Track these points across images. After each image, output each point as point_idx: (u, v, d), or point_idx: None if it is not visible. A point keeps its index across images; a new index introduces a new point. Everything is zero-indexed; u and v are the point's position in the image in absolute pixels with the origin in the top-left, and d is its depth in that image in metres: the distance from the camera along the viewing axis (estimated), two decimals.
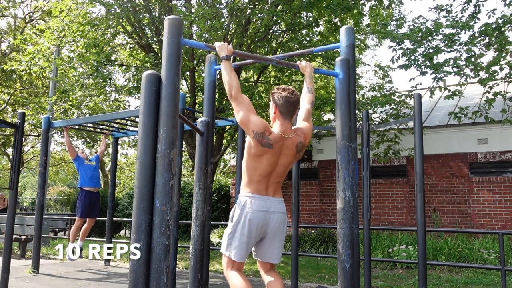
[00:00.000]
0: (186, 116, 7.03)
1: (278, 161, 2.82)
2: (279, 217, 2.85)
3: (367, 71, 36.19)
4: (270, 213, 2.81)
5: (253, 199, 2.79)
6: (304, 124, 2.98)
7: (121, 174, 26.40)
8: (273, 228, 2.84)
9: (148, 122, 2.34)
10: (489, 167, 10.19)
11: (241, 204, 2.81)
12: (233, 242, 2.82)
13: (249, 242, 2.81)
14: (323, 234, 9.95)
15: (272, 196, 2.85)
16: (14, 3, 17.79)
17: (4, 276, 5.41)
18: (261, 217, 2.78)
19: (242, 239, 2.78)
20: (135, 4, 9.38)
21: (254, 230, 2.78)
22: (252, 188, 2.82)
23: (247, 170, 2.84)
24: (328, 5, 8.65)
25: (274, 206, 2.83)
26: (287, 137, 2.81)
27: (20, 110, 6.81)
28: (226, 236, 2.87)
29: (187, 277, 3.68)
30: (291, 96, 2.83)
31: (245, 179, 2.86)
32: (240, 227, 2.79)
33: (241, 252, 2.80)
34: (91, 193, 7.05)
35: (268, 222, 2.81)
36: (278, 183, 2.89)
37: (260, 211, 2.78)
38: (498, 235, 5.64)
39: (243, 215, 2.78)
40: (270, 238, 2.87)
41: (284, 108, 2.82)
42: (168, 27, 2.48)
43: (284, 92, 2.84)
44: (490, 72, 7.41)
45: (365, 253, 5.06)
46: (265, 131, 2.73)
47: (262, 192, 2.82)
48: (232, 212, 2.87)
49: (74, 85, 10.02)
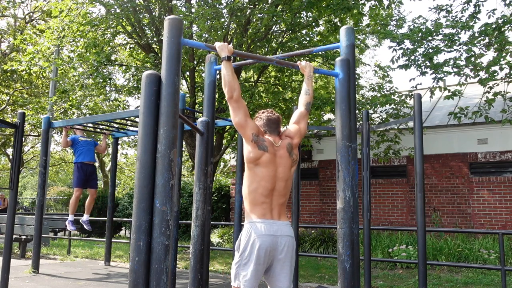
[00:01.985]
0: (186, 116, 7.04)
1: (276, 173, 2.79)
2: (288, 241, 2.76)
3: (367, 71, 36.20)
4: (278, 237, 2.72)
5: (258, 224, 2.72)
6: (292, 126, 3.04)
7: (121, 174, 26.40)
8: (281, 253, 2.74)
9: (148, 122, 2.34)
10: (489, 167, 10.19)
11: (247, 230, 2.73)
12: (241, 271, 2.70)
13: (258, 270, 2.69)
14: (323, 234, 9.95)
15: (278, 220, 2.77)
16: (14, 3, 17.80)
17: (4, 276, 5.41)
18: (268, 241, 2.69)
19: (250, 266, 2.67)
20: (135, 4, 9.38)
21: (262, 256, 2.67)
22: (257, 213, 2.75)
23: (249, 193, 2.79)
24: (328, 5, 8.65)
25: (281, 229, 2.75)
26: (277, 145, 2.87)
27: (20, 110, 6.81)
28: (234, 266, 2.76)
29: (187, 277, 3.68)
30: (271, 115, 2.98)
31: (248, 205, 2.80)
32: (247, 254, 2.69)
33: (251, 281, 2.67)
34: (86, 165, 7.20)
35: (276, 246, 2.72)
36: (282, 204, 2.83)
37: (267, 235, 2.69)
38: (498, 235, 5.64)
39: (250, 242, 2.69)
40: (279, 264, 2.76)
41: (268, 127, 2.93)
42: (168, 27, 2.48)
43: (264, 113, 3.00)
44: (490, 72, 7.41)
45: (365, 253, 5.06)
46: (259, 134, 2.82)
47: (267, 216, 2.75)
48: (238, 241, 2.78)
49: (74, 85, 10.02)
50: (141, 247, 2.22)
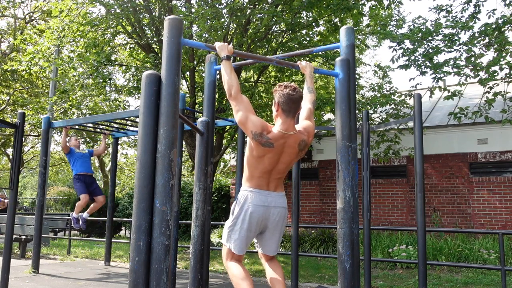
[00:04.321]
0: (186, 116, 7.04)
1: (279, 159, 2.84)
2: (280, 212, 2.89)
3: (367, 71, 36.18)
4: (271, 208, 2.85)
5: (254, 194, 2.83)
6: (307, 123, 2.97)
7: (121, 174, 26.40)
8: (273, 223, 2.89)
9: (148, 122, 2.34)
10: (489, 167, 10.19)
11: (242, 198, 2.86)
12: (233, 234, 2.87)
13: (249, 236, 2.86)
14: (323, 234, 9.95)
15: (273, 191, 2.88)
16: (14, 3, 17.80)
17: (4, 276, 5.41)
18: (261, 211, 2.82)
19: (241, 232, 2.84)
20: (135, 4, 9.38)
21: (254, 224, 2.83)
22: (253, 183, 2.86)
23: (248, 167, 2.87)
24: (328, 5, 8.65)
25: (275, 200, 2.87)
26: (290, 134, 2.79)
27: (20, 110, 6.81)
28: (226, 228, 2.92)
29: (187, 277, 3.68)
30: (293, 93, 2.80)
31: (246, 174, 2.90)
32: (240, 220, 2.84)
33: (241, 245, 2.86)
34: (85, 176, 7.19)
35: (268, 216, 2.86)
36: (279, 178, 2.92)
37: (260, 206, 2.81)
38: (498, 235, 5.64)
39: (243, 209, 2.82)
40: (269, 232, 2.94)
41: (286, 105, 2.79)
42: (168, 27, 2.48)
43: (286, 89, 2.81)
44: (490, 72, 7.41)
45: (365, 253, 5.06)
46: (263, 131, 2.73)
47: (263, 187, 2.86)
48: (233, 206, 2.91)
49: (74, 85, 10.02)
50: (141, 247, 2.22)
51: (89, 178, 7.28)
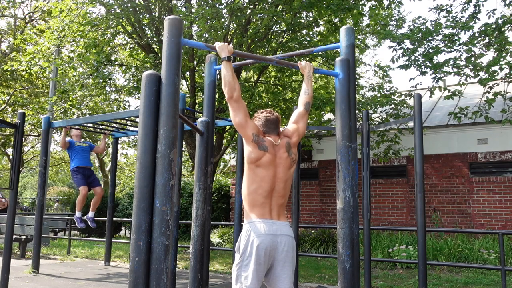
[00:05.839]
0: (186, 116, 7.04)
1: (276, 174, 2.78)
2: (287, 241, 2.73)
3: (367, 71, 36.16)
4: (277, 236, 2.69)
5: (258, 224, 2.70)
6: (291, 125, 3.01)
7: (121, 174, 26.39)
8: (282, 253, 2.70)
9: (148, 122, 2.34)
10: (489, 167, 10.19)
11: (247, 231, 2.71)
12: (242, 272, 2.66)
13: (259, 270, 2.65)
14: (323, 234, 9.95)
15: (277, 220, 2.75)
16: (14, 3, 17.78)
17: (4, 276, 5.41)
18: (268, 240, 2.65)
19: (251, 267, 2.64)
20: (135, 4, 9.38)
21: (262, 256, 2.64)
22: (256, 213, 2.73)
23: (248, 194, 2.77)
24: (328, 5, 8.65)
25: (281, 229, 2.72)
26: (277, 144, 2.85)
27: (20, 110, 6.81)
28: (234, 268, 2.73)
29: (187, 277, 3.68)
30: (269, 115, 2.94)
31: (247, 205, 2.78)
32: (248, 254, 2.66)
33: (252, 281, 2.63)
34: (83, 169, 7.20)
35: (276, 246, 2.69)
36: (281, 205, 2.81)
37: (266, 235, 2.66)
38: (498, 235, 5.64)
39: (249, 242, 2.67)
40: (279, 265, 2.71)
41: (266, 127, 2.90)
42: (168, 27, 2.48)
43: (263, 113, 2.97)
44: (490, 72, 7.41)
45: (365, 253, 5.06)
46: (259, 134, 2.81)
47: (266, 216, 2.73)
48: (238, 242, 2.75)
49: (74, 85, 10.01)
50: (141, 247, 2.22)
51: (88, 171, 7.28)
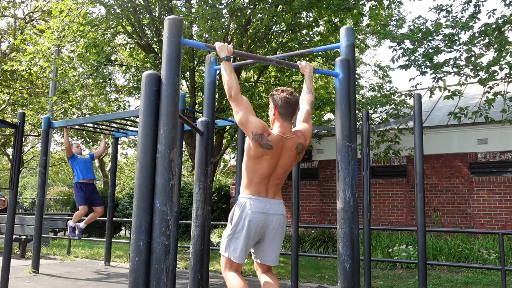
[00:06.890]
0: (186, 116, 7.04)
1: (278, 162, 2.82)
2: (279, 219, 2.86)
3: (366, 71, 36.17)
4: (270, 215, 2.81)
5: (252, 201, 2.80)
6: (304, 125, 2.98)
7: (121, 174, 26.39)
8: (272, 230, 2.85)
9: (148, 122, 2.34)
10: (489, 167, 10.19)
11: (241, 205, 2.82)
12: (232, 243, 2.83)
13: (248, 244, 2.82)
14: (323, 234, 9.95)
15: (272, 198, 2.85)
16: (14, 3, 17.79)
17: (4, 276, 5.41)
18: (260, 219, 2.78)
19: (241, 240, 2.79)
20: (135, 4, 9.38)
21: (253, 232, 2.79)
22: (252, 190, 2.82)
23: (247, 172, 2.84)
24: (328, 5, 8.65)
25: (274, 208, 2.84)
26: (287, 138, 2.81)
27: (20, 110, 6.81)
28: (225, 237, 2.87)
29: (187, 277, 3.68)
30: (290, 97, 2.85)
31: (244, 180, 2.87)
32: (239, 228, 2.80)
33: (240, 254, 2.81)
34: (86, 185, 7.19)
35: (268, 224, 2.82)
36: (278, 185, 2.89)
37: (259, 213, 2.78)
38: (498, 235, 5.64)
39: (242, 217, 2.79)
40: (269, 240, 2.88)
41: (283, 109, 2.84)
42: (168, 27, 2.48)
43: (283, 93, 2.86)
44: (490, 72, 7.41)
45: (365, 253, 5.06)
46: (263, 132, 2.75)
47: (262, 194, 2.82)
48: (232, 214, 2.87)
49: (74, 85, 10.02)
50: (141, 247, 2.22)
51: (91, 187, 7.26)
